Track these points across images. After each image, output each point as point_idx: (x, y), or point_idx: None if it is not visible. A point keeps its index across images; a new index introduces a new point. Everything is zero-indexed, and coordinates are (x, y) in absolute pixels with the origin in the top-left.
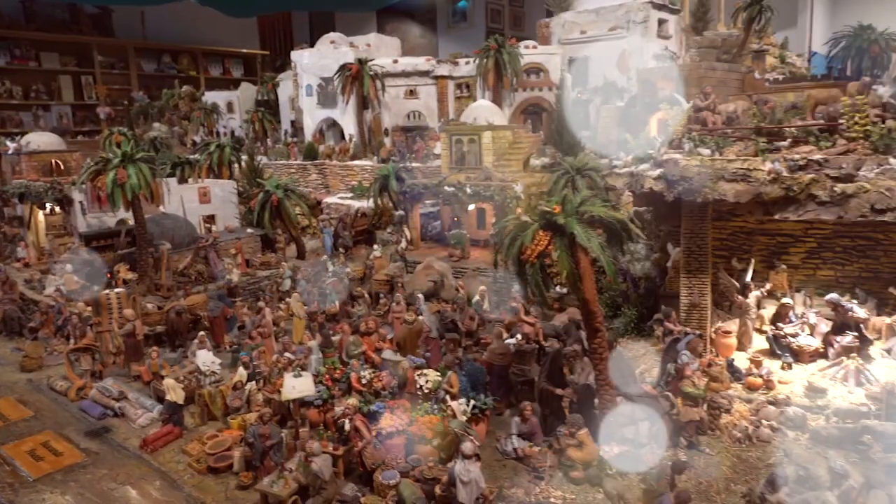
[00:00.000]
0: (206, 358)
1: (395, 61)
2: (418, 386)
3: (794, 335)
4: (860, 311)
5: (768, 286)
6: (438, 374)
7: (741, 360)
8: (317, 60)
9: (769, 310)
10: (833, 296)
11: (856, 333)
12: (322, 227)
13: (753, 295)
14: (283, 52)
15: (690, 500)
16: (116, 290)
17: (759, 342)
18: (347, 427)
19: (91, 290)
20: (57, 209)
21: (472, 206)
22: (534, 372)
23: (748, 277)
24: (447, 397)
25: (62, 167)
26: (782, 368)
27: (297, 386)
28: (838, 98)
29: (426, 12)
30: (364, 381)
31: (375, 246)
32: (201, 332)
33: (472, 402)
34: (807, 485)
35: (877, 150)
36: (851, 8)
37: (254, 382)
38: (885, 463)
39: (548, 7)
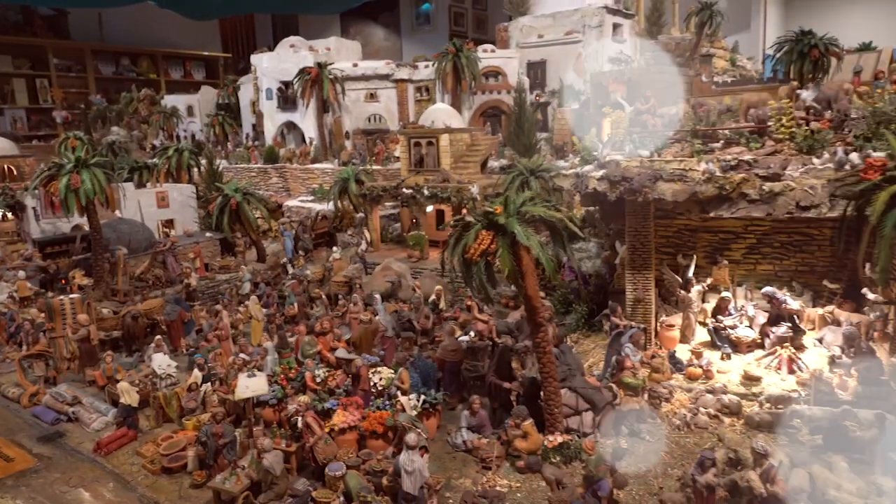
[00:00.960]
0: (161, 361)
1: (355, 65)
2: (372, 383)
3: (733, 327)
4: (793, 303)
5: (709, 281)
6: (392, 371)
7: (684, 352)
8: (276, 64)
9: (712, 303)
10: (768, 289)
11: (790, 324)
12: (282, 231)
13: (695, 290)
14: (246, 55)
15: (627, 484)
16: (70, 295)
17: (703, 334)
18: (300, 424)
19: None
20: (9, 215)
21: (430, 208)
22: (487, 368)
23: (690, 273)
24: (398, 393)
25: (15, 172)
26: (722, 359)
27: (251, 385)
28: (767, 102)
29: (390, 15)
30: (318, 380)
31: (335, 248)
32: (158, 336)
33: (423, 397)
34: (736, 465)
35: (801, 150)
36: (804, 12)
37: (209, 384)
38: (811, 444)
39: (505, 11)
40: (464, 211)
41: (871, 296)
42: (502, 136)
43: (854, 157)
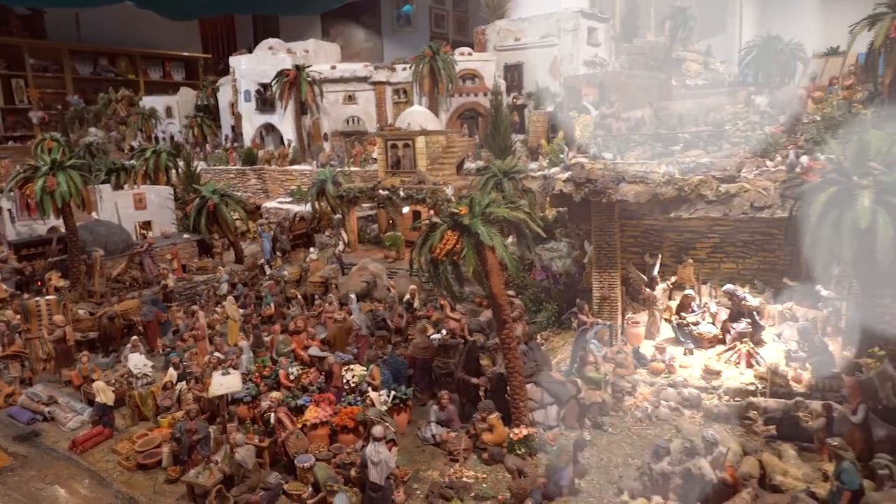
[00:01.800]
0: (137, 361)
1: (333, 67)
2: (345, 380)
3: (696, 323)
4: (753, 300)
5: (673, 279)
6: (364, 368)
7: (649, 348)
8: (255, 66)
9: (678, 301)
10: (729, 286)
11: (749, 320)
12: (260, 232)
13: (660, 288)
14: (226, 56)
15: (587, 473)
16: (46, 297)
17: (669, 331)
18: (273, 420)
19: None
20: None
21: (406, 209)
22: (456, 364)
23: (655, 272)
24: (369, 389)
25: None
26: (684, 354)
27: (225, 383)
28: (723, 106)
29: (371, 16)
30: (292, 378)
31: (312, 249)
32: (134, 337)
33: (394, 392)
34: (692, 455)
35: (755, 153)
36: (780, 15)
37: (184, 382)
38: (765, 434)
39: (483, 15)
40: (431, 212)
41: (823, 292)
42: (479, 137)
43: (804, 159)
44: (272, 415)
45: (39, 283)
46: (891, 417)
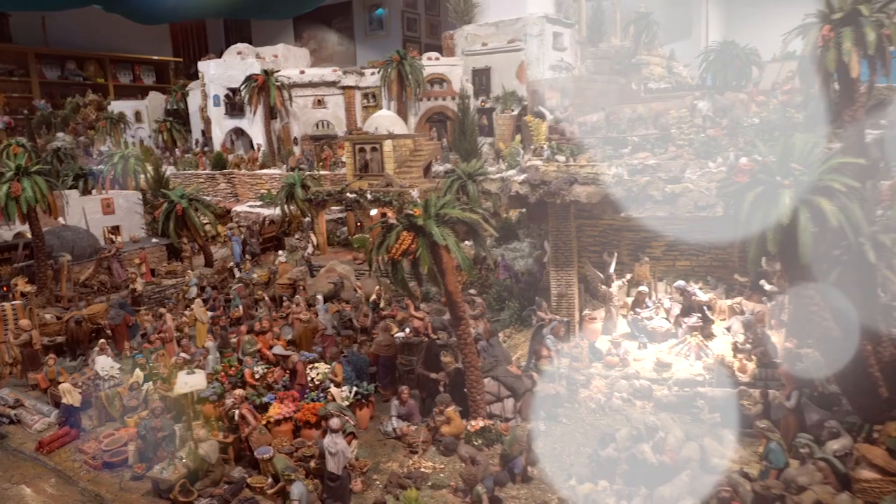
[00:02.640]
0: (104, 363)
1: (303, 72)
2: (309, 378)
3: (650, 318)
4: (703, 296)
5: (629, 276)
6: (328, 366)
7: (605, 343)
8: (223, 71)
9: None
10: (680, 283)
11: (700, 315)
12: (230, 236)
13: (615, 285)
14: (197, 59)
15: (539, 461)
16: (12, 302)
17: (625, 326)
18: (237, 417)
19: None
20: None
21: (374, 212)
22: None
23: (611, 269)
24: (331, 385)
25: None
26: (639, 348)
27: (190, 382)
28: (669, 110)
29: (343, 20)
30: (257, 376)
31: (281, 252)
32: (102, 340)
33: (356, 388)
34: (637, 441)
35: (699, 155)
36: (744, 20)
37: (150, 383)
38: (711, 422)
39: (451, 20)
40: (389, 213)
41: (767, 287)
42: (447, 140)
43: (743, 161)
44: (236, 411)
45: (6, 289)
46: (825, 403)
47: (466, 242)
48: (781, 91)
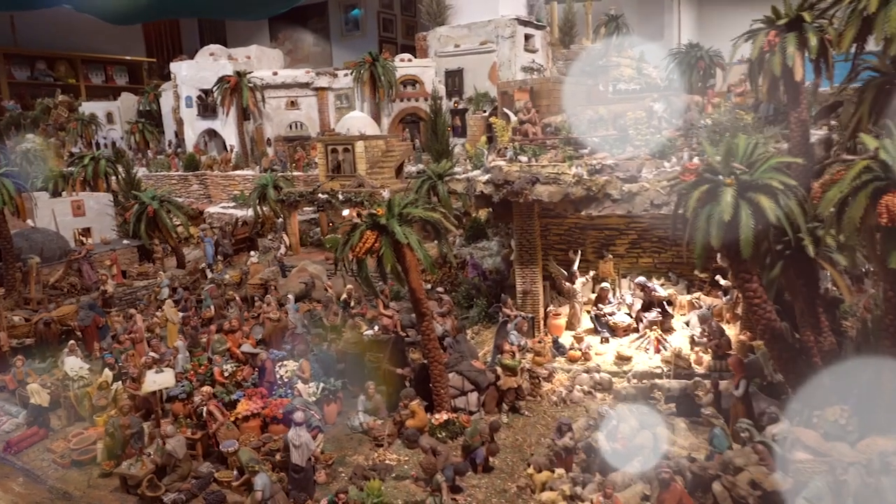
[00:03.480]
0: (73, 364)
1: (275, 73)
2: (278, 375)
3: (612, 314)
4: (662, 291)
5: (592, 273)
6: (297, 364)
7: (569, 338)
8: (195, 73)
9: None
10: (641, 279)
11: (660, 310)
12: (203, 237)
13: (579, 282)
14: (171, 60)
15: (499, 451)
16: None
17: (589, 322)
18: (205, 413)
19: None
20: None
21: (346, 212)
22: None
23: (575, 267)
24: (299, 382)
25: None
26: (601, 342)
27: (158, 380)
28: (627, 112)
29: (319, 21)
30: (226, 374)
31: (253, 253)
32: (71, 341)
33: (323, 385)
34: (594, 430)
35: (655, 155)
36: (715, 22)
37: (120, 382)
38: (666, 411)
39: (424, 22)
40: (353, 213)
41: (722, 282)
42: (420, 141)
43: (690, 161)
44: (204, 408)
45: None
46: (774, 392)
47: (437, 242)
48: (735, 93)
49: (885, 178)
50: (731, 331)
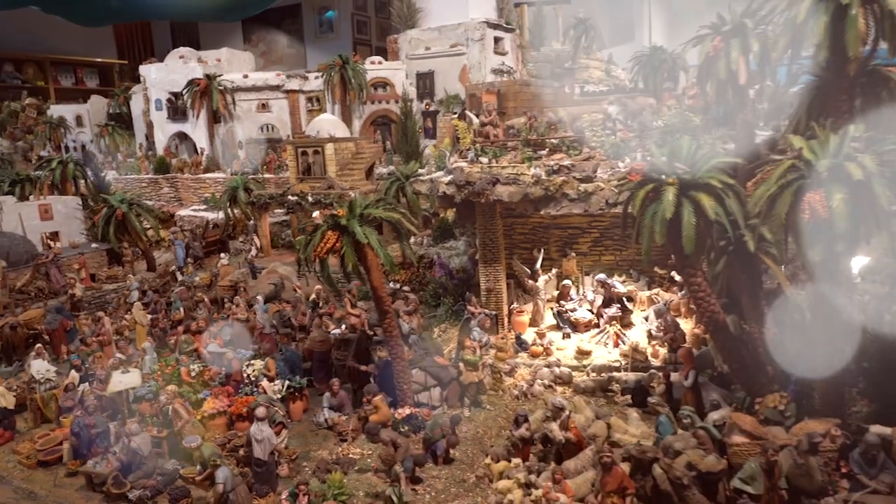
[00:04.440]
0: (40, 367)
1: (246, 76)
2: (246, 374)
3: (573, 310)
4: (622, 288)
5: (555, 271)
6: (263, 362)
7: (531, 334)
8: (165, 75)
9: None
10: (601, 276)
11: (619, 305)
12: (173, 240)
13: (542, 279)
14: (143, 62)
15: (458, 443)
16: None
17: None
18: (171, 412)
19: None
20: None
21: (316, 213)
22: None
23: (538, 265)
24: (264, 380)
25: None
26: (563, 338)
27: (124, 380)
28: (582, 115)
29: (293, 23)
30: (193, 374)
31: (223, 255)
32: (38, 344)
33: (288, 382)
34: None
35: (609, 156)
36: (686, 24)
37: (87, 384)
38: (623, 403)
39: (394, 24)
40: (321, 215)
41: (678, 277)
42: (391, 143)
43: (636, 161)
44: (170, 407)
45: None
46: (724, 381)
47: (406, 242)
48: (689, 96)
49: (809, 176)
50: (687, 325)
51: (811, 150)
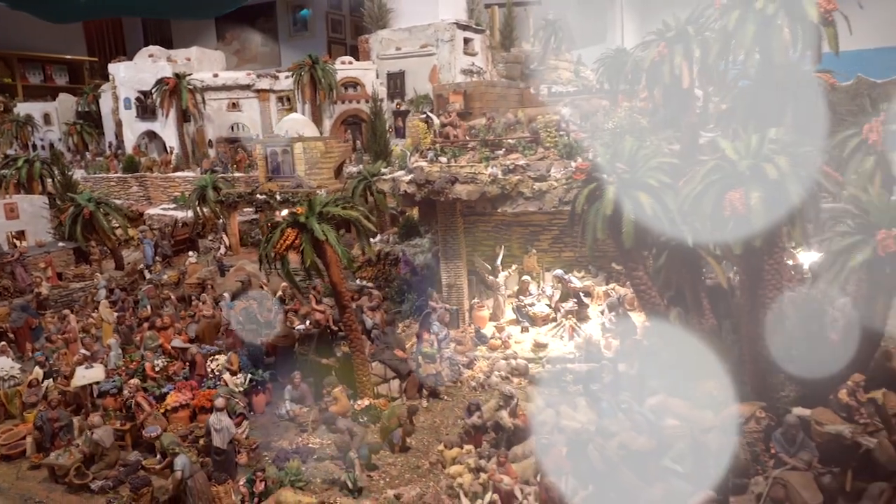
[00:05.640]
0: (4, 364)
1: (216, 75)
2: (210, 369)
3: (532, 305)
4: (578, 283)
5: (515, 267)
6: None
7: (491, 328)
8: (134, 74)
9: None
10: (558, 272)
11: (576, 300)
12: (142, 238)
13: (502, 275)
14: (113, 59)
15: (414, 432)
16: None
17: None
18: (133, 405)
19: None
20: None
21: (284, 212)
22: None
23: (498, 261)
24: (227, 373)
25: None
26: (521, 332)
27: (87, 375)
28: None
29: (267, 21)
30: (157, 369)
31: (191, 253)
32: (2, 342)
33: (250, 376)
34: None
35: (562, 156)
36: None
37: (51, 380)
38: (576, 392)
39: (366, 24)
40: (284, 214)
41: None
42: (361, 143)
43: (580, 161)
44: (132, 400)
45: None
46: None
47: (373, 239)
48: (640, 98)
49: (731, 175)
50: (639, 317)
51: (735, 150)
